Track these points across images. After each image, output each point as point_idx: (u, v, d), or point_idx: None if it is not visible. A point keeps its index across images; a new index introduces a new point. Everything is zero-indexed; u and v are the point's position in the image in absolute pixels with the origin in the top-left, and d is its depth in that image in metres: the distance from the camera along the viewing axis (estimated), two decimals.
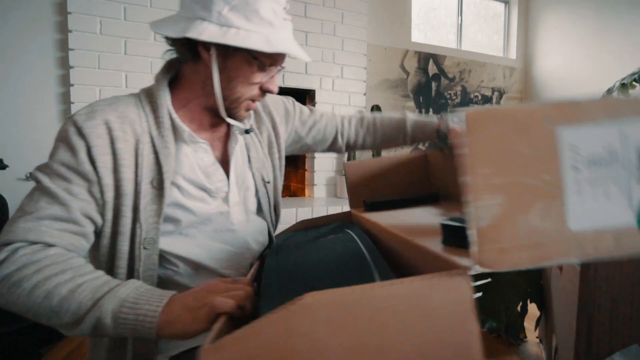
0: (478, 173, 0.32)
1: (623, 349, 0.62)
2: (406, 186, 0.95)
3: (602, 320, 0.62)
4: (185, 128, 0.61)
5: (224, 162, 0.67)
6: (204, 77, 0.60)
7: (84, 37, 1.92)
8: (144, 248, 0.57)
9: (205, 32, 0.54)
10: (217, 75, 0.58)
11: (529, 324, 1.09)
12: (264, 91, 0.63)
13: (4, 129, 1.87)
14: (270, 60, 0.60)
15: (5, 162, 1.69)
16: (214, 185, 0.64)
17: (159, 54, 2.47)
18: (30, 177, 0.54)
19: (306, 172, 2.69)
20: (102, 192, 0.54)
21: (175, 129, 0.61)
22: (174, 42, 0.59)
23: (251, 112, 0.68)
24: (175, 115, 0.60)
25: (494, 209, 0.32)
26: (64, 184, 0.52)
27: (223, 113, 0.62)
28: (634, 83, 1.34)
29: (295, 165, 2.79)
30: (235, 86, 0.60)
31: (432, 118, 0.81)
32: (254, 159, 0.72)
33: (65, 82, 1.95)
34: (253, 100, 0.64)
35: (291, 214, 2.28)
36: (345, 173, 0.90)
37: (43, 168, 0.54)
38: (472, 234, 0.31)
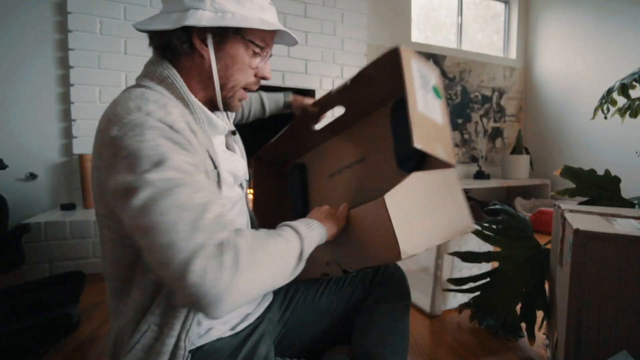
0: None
1: (614, 355, 0.63)
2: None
3: (591, 315, 0.69)
4: (220, 123, 0.63)
5: None
6: (200, 68, 0.59)
7: (84, 37, 1.92)
8: None
9: (203, 18, 0.55)
10: (215, 63, 0.59)
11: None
12: (258, 78, 0.65)
13: (4, 129, 1.87)
14: (263, 44, 0.61)
15: (5, 162, 1.69)
16: (237, 171, 0.68)
17: None
18: (139, 187, 0.44)
19: None
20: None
21: (209, 123, 0.62)
22: (168, 36, 0.57)
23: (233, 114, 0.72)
24: (208, 112, 0.61)
25: None
26: (195, 177, 0.47)
27: (220, 103, 0.62)
28: (634, 83, 1.34)
29: None
30: (233, 73, 0.61)
31: (279, 94, 0.99)
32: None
33: (65, 82, 1.95)
34: (246, 89, 0.65)
35: None
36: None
37: (157, 173, 0.44)
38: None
